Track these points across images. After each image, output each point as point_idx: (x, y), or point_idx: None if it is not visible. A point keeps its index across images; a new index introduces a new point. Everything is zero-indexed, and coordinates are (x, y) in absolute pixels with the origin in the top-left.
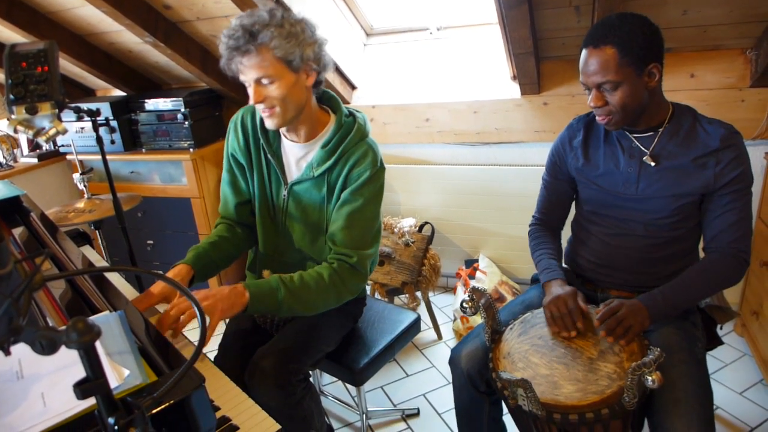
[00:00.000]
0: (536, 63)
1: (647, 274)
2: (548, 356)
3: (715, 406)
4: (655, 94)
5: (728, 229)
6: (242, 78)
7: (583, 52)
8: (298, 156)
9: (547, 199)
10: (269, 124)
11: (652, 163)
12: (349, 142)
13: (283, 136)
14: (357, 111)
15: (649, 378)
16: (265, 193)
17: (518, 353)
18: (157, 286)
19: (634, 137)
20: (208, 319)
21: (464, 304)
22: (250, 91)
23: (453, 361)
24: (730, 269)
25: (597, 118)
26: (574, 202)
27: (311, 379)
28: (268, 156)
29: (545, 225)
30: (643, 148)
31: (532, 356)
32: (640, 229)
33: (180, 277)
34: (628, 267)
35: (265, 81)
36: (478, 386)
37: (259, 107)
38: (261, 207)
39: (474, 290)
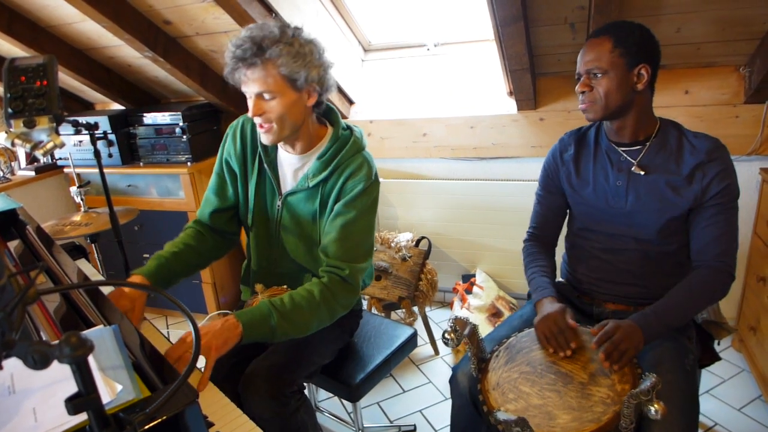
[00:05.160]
0: (532, 79)
1: (643, 288)
2: (539, 384)
3: (713, 422)
4: (643, 101)
5: (713, 242)
6: (244, 89)
7: (584, 46)
8: (295, 167)
9: (541, 214)
10: (264, 139)
11: (641, 172)
12: (345, 154)
13: (279, 147)
14: (355, 126)
15: (653, 408)
16: (259, 202)
17: (508, 383)
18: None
19: (622, 150)
20: (203, 358)
21: (446, 336)
22: (250, 103)
23: (454, 379)
24: (715, 283)
25: (580, 105)
26: (569, 218)
27: (306, 393)
28: (264, 165)
29: (539, 240)
30: (631, 160)
31: (522, 385)
32: (632, 244)
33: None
34: (623, 281)
35: (266, 96)
36: (479, 406)
37: (257, 120)
38: (255, 217)
39: (457, 320)
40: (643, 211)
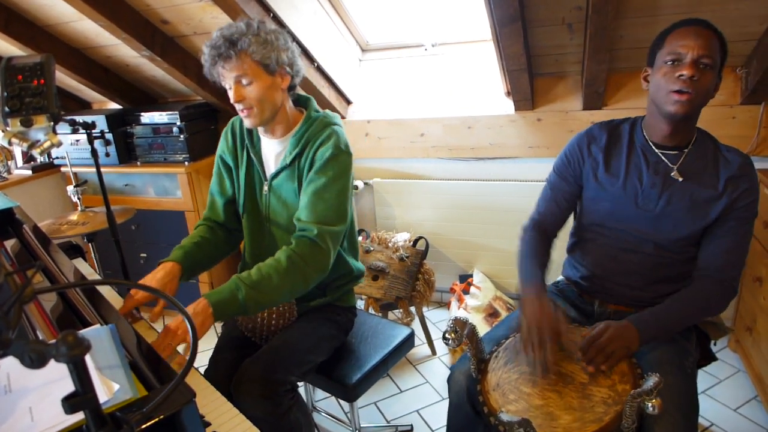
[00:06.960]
0: (530, 79)
1: (648, 291)
2: (539, 384)
3: (709, 423)
4: (700, 109)
5: (723, 254)
6: (224, 83)
7: (685, 28)
8: (276, 152)
9: (551, 200)
10: (247, 123)
11: (680, 178)
12: (315, 128)
13: (262, 136)
14: (329, 112)
15: (649, 404)
16: (249, 191)
17: (508, 384)
18: (138, 292)
19: (660, 153)
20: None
21: (446, 336)
22: (231, 92)
23: (452, 378)
24: (718, 297)
25: (679, 96)
26: (583, 211)
27: (302, 393)
28: (251, 155)
29: (540, 230)
30: (669, 164)
31: (523, 386)
32: (650, 247)
33: (172, 276)
34: (629, 283)
35: (244, 81)
36: (477, 405)
37: (239, 107)
38: (246, 205)
39: (457, 320)
40: (672, 217)
